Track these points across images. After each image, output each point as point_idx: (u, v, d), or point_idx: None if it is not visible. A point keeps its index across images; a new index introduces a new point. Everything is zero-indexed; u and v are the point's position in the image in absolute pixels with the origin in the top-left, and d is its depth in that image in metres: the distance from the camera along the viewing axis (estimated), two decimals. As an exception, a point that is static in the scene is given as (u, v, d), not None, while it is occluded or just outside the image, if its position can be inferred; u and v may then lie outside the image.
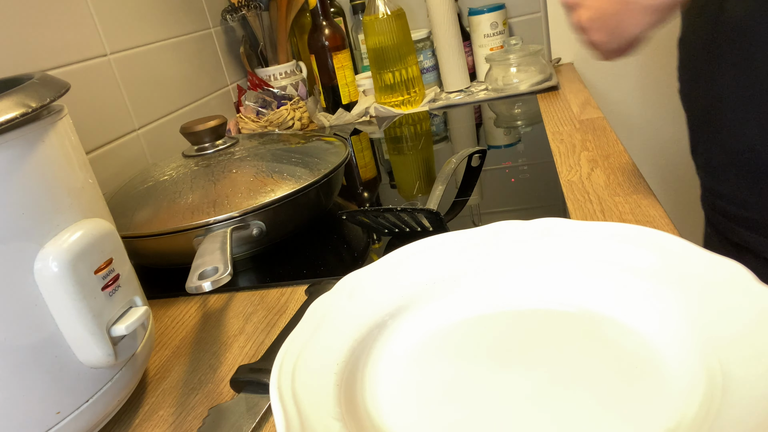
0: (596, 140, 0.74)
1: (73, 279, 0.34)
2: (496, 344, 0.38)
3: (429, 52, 1.17)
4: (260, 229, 0.58)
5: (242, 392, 0.40)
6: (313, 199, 0.63)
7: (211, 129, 0.67)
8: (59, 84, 0.38)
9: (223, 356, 0.46)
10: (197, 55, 1.07)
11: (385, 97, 1.10)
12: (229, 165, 0.64)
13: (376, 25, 1.04)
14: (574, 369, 0.34)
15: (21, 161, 0.33)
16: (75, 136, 0.39)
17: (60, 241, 0.34)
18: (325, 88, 1.14)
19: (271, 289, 0.55)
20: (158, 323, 0.54)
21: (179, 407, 0.41)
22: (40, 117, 0.35)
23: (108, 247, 0.38)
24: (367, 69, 1.24)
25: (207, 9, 1.12)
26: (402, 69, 1.06)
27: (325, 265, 0.58)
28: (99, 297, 0.36)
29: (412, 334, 0.41)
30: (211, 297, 0.57)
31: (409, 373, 0.37)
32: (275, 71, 1.16)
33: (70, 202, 0.36)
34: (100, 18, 0.83)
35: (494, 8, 1.13)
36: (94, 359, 0.36)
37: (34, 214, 0.33)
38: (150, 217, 0.59)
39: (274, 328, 0.48)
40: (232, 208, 0.57)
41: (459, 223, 0.60)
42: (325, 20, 1.10)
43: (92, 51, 0.81)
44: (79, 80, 0.77)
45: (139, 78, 0.90)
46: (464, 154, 0.69)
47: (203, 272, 0.44)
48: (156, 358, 0.48)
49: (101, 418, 0.38)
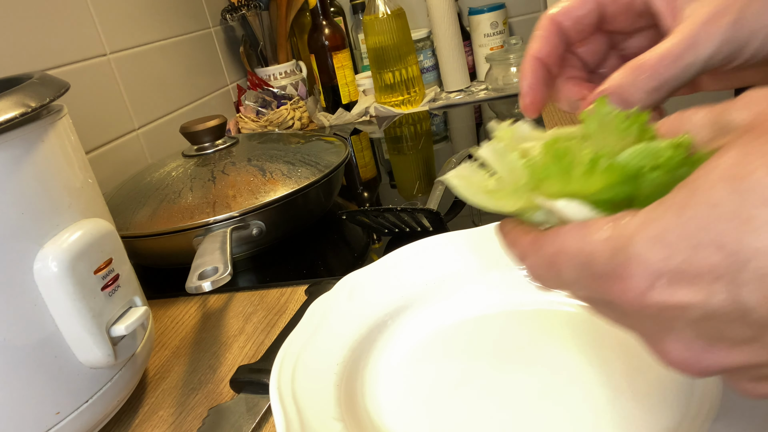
0: (596, 140, 0.74)
1: (72, 279, 0.34)
2: (496, 344, 0.38)
3: (429, 51, 1.17)
4: (260, 229, 0.58)
5: (242, 392, 0.40)
6: (313, 199, 0.63)
7: (211, 129, 0.67)
8: (59, 84, 0.38)
9: (223, 356, 0.46)
10: (197, 55, 1.07)
11: (385, 97, 1.10)
12: (228, 165, 0.64)
13: (376, 24, 1.04)
14: (575, 369, 0.34)
15: (20, 161, 0.33)
16: (75, 136, 0.39)
17: (59, 241, 0.34)
18: (325, 88, 1.14)
19: (271, 289, 0.55)
20: (158, 323, 0.54)
21: (179, 407, 0.41)
22: (39, 117, 0.35)
23: (108, 247, 0.38)
24: (367, 69, 1.24)
25: (207, 9, 1.12)
26: (402, 69, 1.06)
27: (325, 265, 0.58)
28: (98, 297, 0.36)
29: (412, 334, 0.41)
30: (211, 297, 0.56)
31: (409, 373, 0.37)
32: (275, 71, 1.16)
33: (70, 202, 0.36)
34: (100, 18, 0.83)
35: (494, 8, 1.12)
36: (94, 359, 0.35)
37: (34, 214, 0.33)
38: (150, 217, 0.59)
39: (274, 328, 0.48)
40: (232, 208, 0.57)
41: (459, 223, 0.60)
42: (325, 20, 1.09)
43: (92, 51, 0.80)
44: (79, 80, 0.77)
45: (139, 78, 0.90)
46: (464, 154, 0.69)
47: (203, 272, 0.44)
48: (156, 358, 0.48)
49: (101, 419, 0.38)
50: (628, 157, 0.19)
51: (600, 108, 0.22)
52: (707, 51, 0.24)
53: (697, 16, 0.25)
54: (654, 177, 0.19)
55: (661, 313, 0.19)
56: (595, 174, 0.20)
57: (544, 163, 0.20)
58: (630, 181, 0.20)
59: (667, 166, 0.19)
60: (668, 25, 0.27)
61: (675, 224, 0.17)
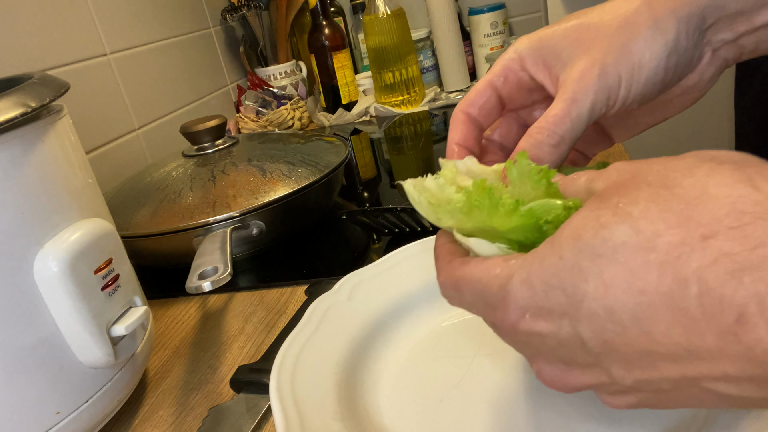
0: (596, 140, 0.74)
1: (72, 279, 0.34)
2: (496, 344, 0.38)
3: (429, 51, 1.17)
4: (260, 229, 0.58)
5: (242, 392, 0.40)
6: (313, 199, 0.63)
7: (211, 129, 0.67)
8: (59, 84, 0.38)
9: (223, 356, 0.46)
10: (197, 55, 1.07)
11: (385, 97, 1.10)
12: (228, 165, 0.64)
13: (376, 24, 1.04)
14: (575, 369, 0.34)
15: (21, 161, 0.33)
16: (75, 136, 0.39)
17: (59, 241, 0.34)
18: (325, 88, 1.14)
19: (271, 289, 0.55)
20: (158, 323, 0.54)
21: (179, 407, 0.41)
22: (39, 117, 0.35)
23: (108, 246, 0.38)
24: (367, 69, 1.24)
25: (207, 9, 1.12)
26: (402, 69, 1.06)
27: (325, 265, 0.58)
28: (99, 297, 0.36)
29: (412, 334, 0.41)
30: (211, 297, 0.56)
31: (409, 373, 0.37)
32: (275, 71, 1.16)
33: (70, 202, 0.36)
34: (100, 18, 0.83)
35: (494, 8, 1.12)
36: (94, 359, 0.35)
37: (34, 214, 0.33)
38: (150, 217, 0.59)
39: (274, 328, 0.48)
40: (232, 208, 0.57)
41: (459, 223, 0.60)
42: (325, 20, 1.09)
43: (92, 51, 0.80)
44: (79, 80, 0.77)
45: (139, 78, 0.90)
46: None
47: (203, 272, 0.44)
48: (156, 358, 0.48)
49: (101, 419, 0.38)
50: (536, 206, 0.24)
51: (520, 160, 0.26)
52: (587, 102, 0.29)
53: (571, 78, 0.29)
54: (547, 229, 0.23)
55: (529, 340, 0.23)
56: (515, 215, 0.24)
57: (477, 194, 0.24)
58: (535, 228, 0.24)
59: (556, 222, 0.23)
60: (554, 92, 0.31)
61: (537, 270, 0.22)
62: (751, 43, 0.31)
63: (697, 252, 0.18)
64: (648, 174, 0.20)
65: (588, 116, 0.29)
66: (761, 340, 0.17)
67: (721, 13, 0.30)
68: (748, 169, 0.19)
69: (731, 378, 0.18)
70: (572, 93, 0.29)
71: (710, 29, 0.30)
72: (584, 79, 0.29)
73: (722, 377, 0.19)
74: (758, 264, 0.17)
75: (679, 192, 0.19)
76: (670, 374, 0.20)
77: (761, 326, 0.17)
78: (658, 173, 0.20)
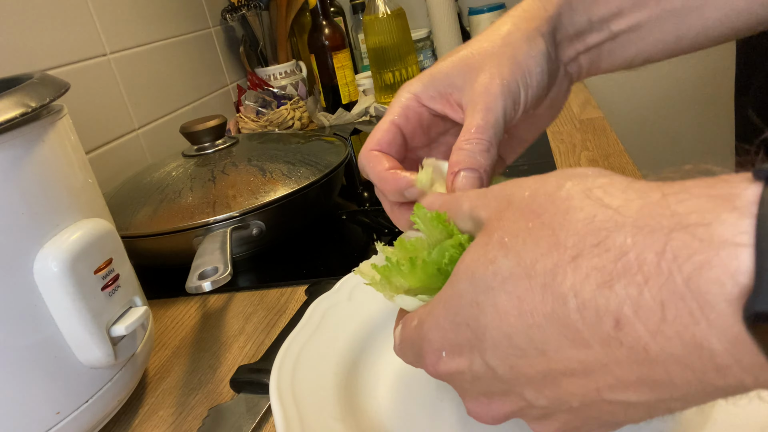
0: (596, 140, 0.74)
1: (72, 279, 0.34)
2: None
3: (429, 51, 1.17)
4: (260, 229, 0.58)
5: (242, 392, 0.40)
6: (313, 199, 0.63)
7: (211, 129, 0.67)
8: (59, 84, 0.38)
9: (223, 356, 0.46)
10: (197, 55, 1.07)
11: (385, 97, 1.10)
12: (229, 165, 0.64)
13: (376, 24, 1.04)
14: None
15: (20, 161, 0.33)
16: (75, 136, 0.39)
17: (59, 241, 0.34)
18: (325, 88, 1.14)
19: (271, 289, 0.55)
20: (158, 323, 0.54)
21: (179, 407, 0.41)
22: (39, 117, 0.35)
23: (107, 247, 0.38)
24: (367, 69, 1.24)
25: (207, 9, 1.12)
26: (402, 68, 1.06)
27: (325, 265, 0.58)
28: (99, 297, 0.36)
29: (412, 334, 0.41)
30: (211, 297, 0.56)
31: (409, 373, 0.37)
32: (275, 71, 1.16)
33: (70, 202, 0.36)
34: (100, 18, 0.83)
35: (494, 8, 1.12)
36: (94, 359, 0.35)
37: (34, 214, 0.33)
38: (150, 217, 0.59)
39: (274, 328, 0.48)
40: (232, 208, 0.57)
41: (459, 223, 0.60)
42: (325, 20, 1.09)
43: (92, 51, 0.80)
44: (79, 80, 0.77)
45: (139, 78, 0.90)
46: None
47: (203, 272, 0.44)
48: (156, 358, 0.48)
49: (101, 419, 0.38)
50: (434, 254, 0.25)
51: (417, 210, 0.27)
52: (500, 108, 0.31)
53: (477, 93, 0.32)
54: (449, 270, 0.24)
55: (452, 379, 0.25)
56: (416, 270, 0.26)
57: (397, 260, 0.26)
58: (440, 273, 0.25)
59: (453, 261, 0.24)
60: (459, 116, 0.33)
61: (442, 311, 0.24)
62: (586, 61, 0.36)
63: (569, 271, 0.19)
64: (521, 201, 0.22)
65: (503, 121, 0.32)
66: (640, 338, 0.18)
67: (564, 32, 0.35)
68: (596, 191, 0.21)
69: (627, 384, 0.19)
70: (484, 104, 0.31)
71: (559, 46, 0.35)
72: (490, 90, 0.31)
73: (618, 384, 0.19)
74: (624, 272, 0.18)
75: (547, 219, 0.21)
76: (573, 389, 0.21)
77: (638, 326, 0.18)
78: (528, 199, 0.22)
